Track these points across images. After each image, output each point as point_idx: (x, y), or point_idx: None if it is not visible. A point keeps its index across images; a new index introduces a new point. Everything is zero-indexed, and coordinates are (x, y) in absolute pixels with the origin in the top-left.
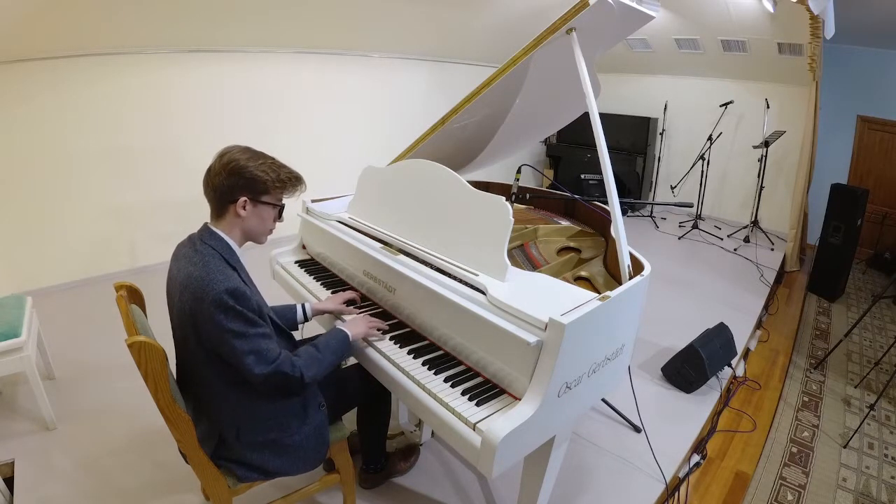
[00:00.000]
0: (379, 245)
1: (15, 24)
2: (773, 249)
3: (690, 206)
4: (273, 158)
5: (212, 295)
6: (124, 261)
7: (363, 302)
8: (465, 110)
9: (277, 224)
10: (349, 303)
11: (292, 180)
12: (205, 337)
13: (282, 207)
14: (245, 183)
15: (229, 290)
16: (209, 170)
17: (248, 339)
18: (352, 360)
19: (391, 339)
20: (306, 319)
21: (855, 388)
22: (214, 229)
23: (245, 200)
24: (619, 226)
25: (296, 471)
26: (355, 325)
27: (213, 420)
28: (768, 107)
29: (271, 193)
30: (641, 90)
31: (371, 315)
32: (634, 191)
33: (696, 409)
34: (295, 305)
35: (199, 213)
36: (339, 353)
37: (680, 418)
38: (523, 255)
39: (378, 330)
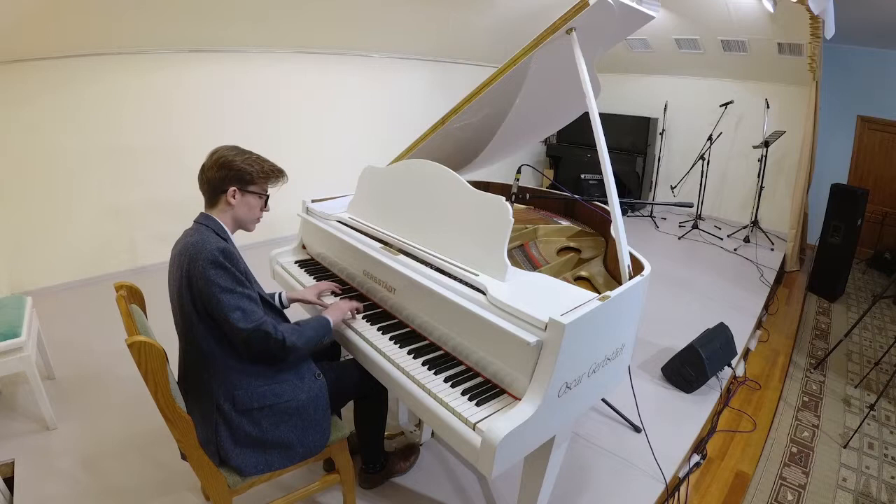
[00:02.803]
0: (379, 245)
1: (15, 24)
2: (773, 249)
3: (690, 206)
4: (257, 154)
5: (205, 253)
6: (124, 261)
7: (346, 293)
8: (465, 110)
9: (265, 214)
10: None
11: (275, 172)
12: (197, 295)
13: (267, 197)
14: (234, 175)
15: (221, 248)
16: (202, 167)
17: (234, 294)
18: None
19: (391, 339)
20: (283, 306)
21: (855, 388)
22: (208, 214)
23: (234, 190)
24: (619, 226)
25: (298, 442)
26: (335, 309)
27: (211, 392)
28: (768, 107)
29: (257, 184)
30: (641, 90)
31: (369, 314)
32: (634, 191)
33: (696, 409)
34: (273, 294)
35: (198, 213)
36: (320, 332)
37: (680, 418)
38: (523, 255)
39: (356, 311)
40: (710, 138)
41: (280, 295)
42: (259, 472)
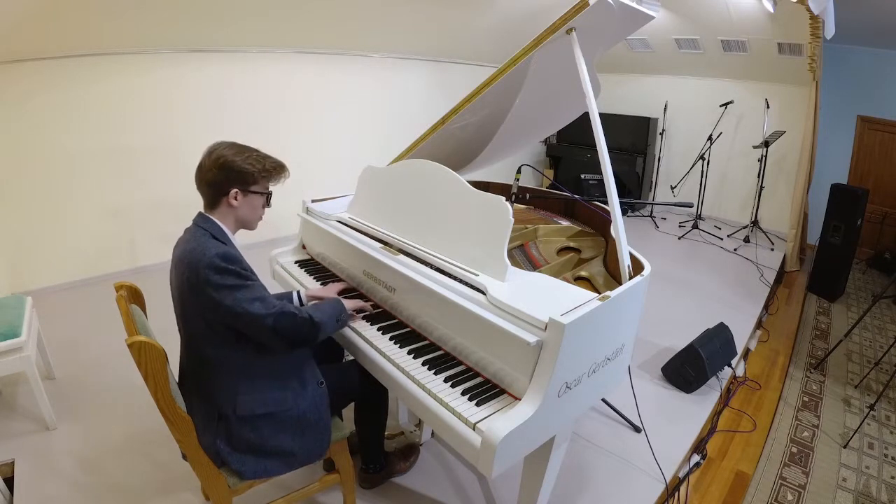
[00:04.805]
0: (379, 245)
1: (15, 24)
2: (773, 249)
3: (690, 206)
4: (258, 150)
5: (205, 260)
6: (124, 261)
7: (354, 291)
8: (465, 110)
9: (267, 211)
10: (343, 292)
11: (276, 168)
12: (206, 304)
13: (269, 195)
14: (235, 176)
15: (220, 254)
16: (200, 166)
17: (246, 288)
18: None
19: (391, 339)
20: (301, 305)
21: (855, 388)
22: (208, 215)
23: (236, 192)
24: (619, 226)
25: (297, 449)
26: (347, 298)
27: (212, 397)
28: (768, 107)
29: (259, 183)
30: (641, 90)
31: (371, 315)
32: (634, 191)
33: (696, 409)
34: (291, 292)
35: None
36: (337, 307)
37: (680, 418)
38: (523, 254)
39: (362, 312)
40: (710, 138)
41: (299, 293)
42: (257, 477)
